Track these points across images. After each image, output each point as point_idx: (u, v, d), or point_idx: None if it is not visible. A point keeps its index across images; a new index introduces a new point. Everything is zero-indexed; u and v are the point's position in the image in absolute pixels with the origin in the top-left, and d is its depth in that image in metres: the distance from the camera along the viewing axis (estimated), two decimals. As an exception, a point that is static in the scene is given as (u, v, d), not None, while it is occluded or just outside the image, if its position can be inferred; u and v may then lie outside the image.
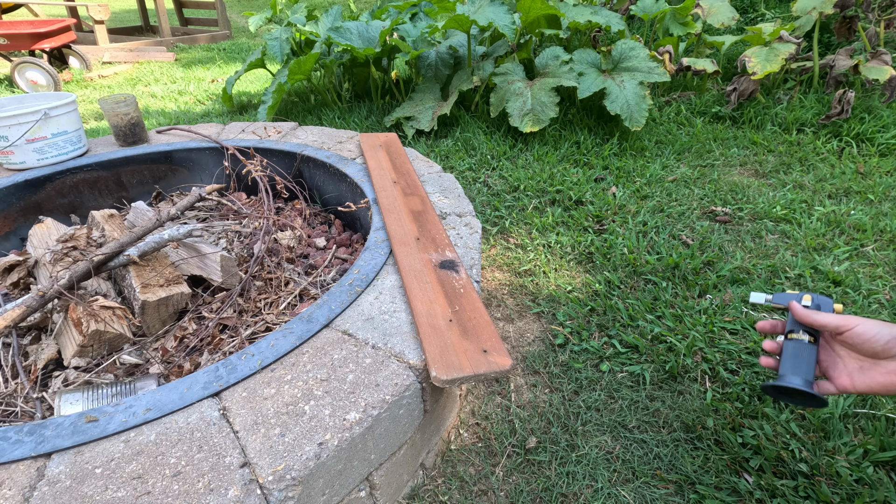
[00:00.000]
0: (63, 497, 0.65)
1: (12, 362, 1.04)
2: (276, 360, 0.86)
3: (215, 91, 4.06)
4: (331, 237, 1.59)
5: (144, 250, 1.17)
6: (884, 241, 1.64)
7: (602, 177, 2.15)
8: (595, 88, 2.38)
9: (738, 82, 2.69)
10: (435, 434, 1.02)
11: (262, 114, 2.77)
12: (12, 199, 1.57)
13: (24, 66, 4.06)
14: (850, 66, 2.52)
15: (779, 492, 0.92)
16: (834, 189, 1.97)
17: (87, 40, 5.43)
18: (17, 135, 1.57)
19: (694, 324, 1.32)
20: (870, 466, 0.94)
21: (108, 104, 1.77)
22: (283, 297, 1.25)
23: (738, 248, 1.65)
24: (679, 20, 3.13)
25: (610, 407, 1.14)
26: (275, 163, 1.78)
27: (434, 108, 2.63)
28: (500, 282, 1.57)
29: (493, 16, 2.44)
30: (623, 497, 0.95)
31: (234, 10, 8.94)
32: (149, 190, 1.80)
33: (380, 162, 1.60)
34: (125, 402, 0.78)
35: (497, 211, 1.92)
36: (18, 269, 1.27)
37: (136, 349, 1.09)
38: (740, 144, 2.42)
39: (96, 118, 3.54)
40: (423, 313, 0.94)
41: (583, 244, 1.69)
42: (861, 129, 2.32)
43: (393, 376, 0.83)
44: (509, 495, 0.97)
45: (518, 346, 1.32)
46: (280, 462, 0.69)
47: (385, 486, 0.88)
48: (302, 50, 3.21)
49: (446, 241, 1.18)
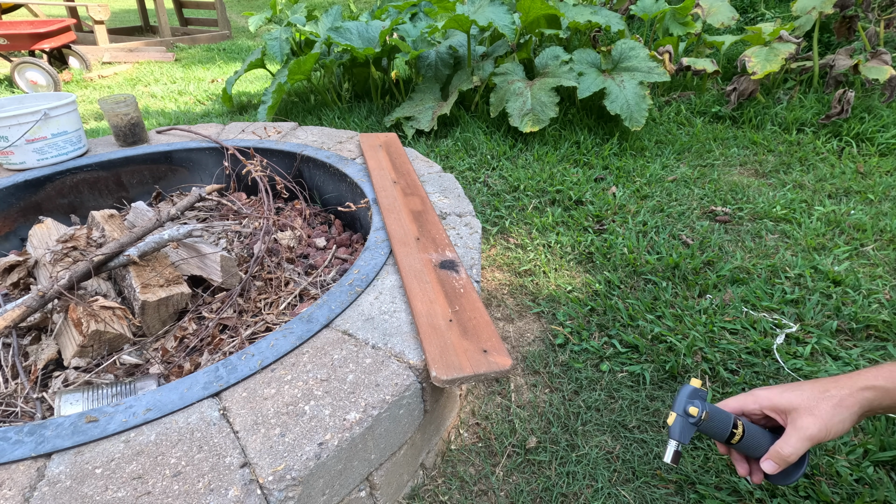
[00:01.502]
0: (63, 497, 0.65)
1: (12, 362, 1.04)
2: (277, 360, 0.86)
3: (215, 91, 4.06)
4: (331, 237, 1.59)
5: (144, 250, 1.17)
6: (884, 240, 1.64)
7: (602, 177, 2.15)
8: (595, 88, 2.38)
9: (737, 82, 2.69)
10: (435, 434, 1.02)
11: (262, 114, 2.77)
12: (12, 200, 1.57)
13: (23, 66, 4.06)
14: (849, 65, 2.52)
15: (779, 492, 0.92)
16: (834, 189, 1.97)
17: (87, 40, 5.43)
18: (17, 135, 1.57)
19: (694, 323, 1.32)
20: (870, 466, 0.94)
21: (107, 104, 1.77)
22: (283, 297, 1.25)
23: (738, 247, 1.65)
24: (679, 20, 3.13)
25: (610, 407, 1.14)
26: (275, 163, 1.78)
27: (434, 108, 2.63)
28: (500, 282, 1.57)
29: (492, 16, 2.44)
30: (623, 497, 0.95)
31: (234, 10, 8.94)
32: (149, 190, 1.80)
33: (380, 162, 1.60)
34: (125, 403, 0.78)
35: (497, 211, 1.92)
36: (18, 269, 1.27)
37: (136, 349, 1.09)
38: (740, 144, 2.42)
39: (96, 118, 3.54)
40: (423, 313, 0.94)
41: (583, 244, 1.69)
42: (861, 128, 2.32)
43: (393, 376, 0.83)
44: (509, 495, 0.97)
45: (518, 346, 1.32)
46: (280, 462, 0.69)
47: (385, 486, 0.88)
48: (302, 50, 3.21)
49: (446, 241, 1.18)
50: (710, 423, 0.72)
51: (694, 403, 0.72)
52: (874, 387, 0.67)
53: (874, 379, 0.68)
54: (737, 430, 0.72)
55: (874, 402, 0.67)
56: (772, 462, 0.70)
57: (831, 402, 0.68)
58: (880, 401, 0.67)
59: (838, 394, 0.68)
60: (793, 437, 0.68)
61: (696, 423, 0.72)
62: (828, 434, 0.67)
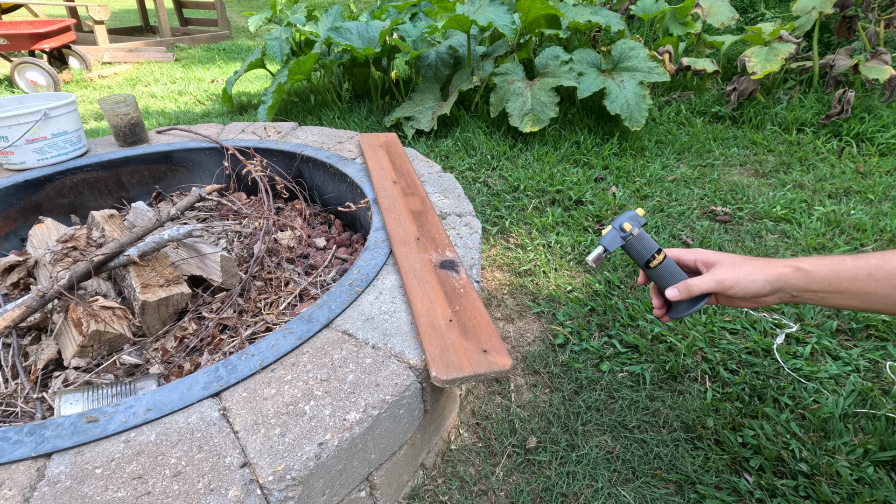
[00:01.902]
0: (63, 497, 0.65)
1: (12, 362, 1.04)
2: (277, 360, 0.86)
3: (215, 91, 4.06)
4: (331, 237, 1.59)
5: (144, 250, 1.17)
6: (884, 240, 1.64)
7: (602, 177, 2.15)
8: (595, 88, 2.38)
9: (737, 82, 2.69)
10: (435, 434, 1.02)
11: (262, 114, 2.77)
12: (12, 200, 1.57)
13: (23, 66, 4.06)
14: (849, 65, 2.52)
15: (779, 491, 0.92)
16: (834, 189, 1.97)
17: (87, 40, 5.43)
18: (17, 135, 1.57)
19: (694, 324, 1.32)
20: (870, 466, 0.94)
21: (107, 104, 1.77)
22: (283, 297, 1.25)
23: (738, 247, 1.65)
24: (679, 20, 3.13)
25: (610, 407, 1.14)
26: (275, 163, 1.78)
27: (434, 108, 2.63)
28: (500, 282, 1.57)
29: (492, 16, 2.44)
30: (623, 497, 0.95)
31: (234, 10, 8.94)
32: (149, 190, 1.80)
33: (380, 162, 1.60)
34: (125, 403, 0.78)
35: (497, 211, 1.92)
36: (18, 269, 1.27)
37: (136, 349, 1.09)
38: (740, 144, 2.42)
39: (96, 118, 3.54)
40: (423, 313, 0.94)
41: (583, 244, 1.69)
42: (861, 128, 2.32)
43: (393, 376, 0.83)
44: (509, 495, 0.97)
45: (518, 346, 1.33)
46: (280, 462, 0.69)
47: (385, 486, 0.88)
48: (302, 50, 3.21)
49: (446, 241, 1.18)
50: (636, 242, 0.81)
51: (630, 222, 0.81)
52: (797, 267, 0.71)
53: (800, 261, 0.72)
54: (657, 257, 0.80)
55: (792, 279, 0.70)
56: (675, 289, 0.77)
57: (751, 264, 0.73)
58: (797, 281, 0.70)
59: (762, 262, 0.73)
60: (704, 277, 0.75)
61: (624, 238, 0.81)
62: (736, 285, 0.72)
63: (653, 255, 0.80)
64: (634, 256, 0.82)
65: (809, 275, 0.70)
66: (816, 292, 0.70)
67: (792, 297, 0.72)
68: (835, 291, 0.69)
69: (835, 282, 0.69)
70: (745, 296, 0.73)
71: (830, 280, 0.69)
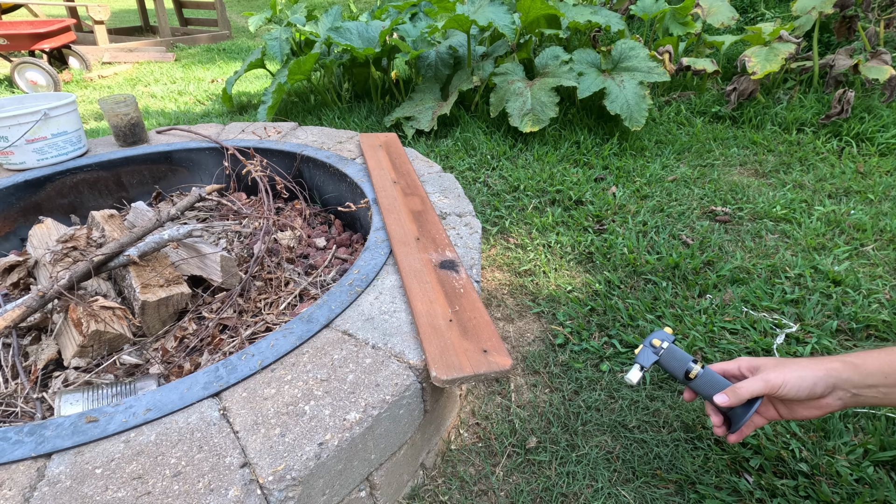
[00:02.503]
0: (63, 497, 0.65)
1: (12, 362, 1.04)
2: (277, 360, 0.86)
3: (215, 91, 4.06)
4: (331, 237, 1.59)
5: (144, 250, 1.17)
6: (884, 240, 1.64)
7: (602, 177, 2.15)
8: (595, 88, 2.38)
9: (737, 82, 2.69)
10: (435, 434, 1.02)
11: (262, 114, 2.77)
12: (12, 200, 1.57)
13: (23, 66, 4.06)
14: (849, 65, 2.52)
15: (779, 491, 0.92)
16: (834, 189, 1.97)
17: (87, 40, 5.43)
18: (17, 135, 1.57)
19: (694, 323, 1.32)
20: (870, 466, 0.94)
21: (107, 104, 1.77)
22: (283, 297, 1.25)
23: (738, 247, 1.65)
24: (679, 20, 3.13)
25: (610, 407, 1.14)
26: (275, 163, 1.78)
27: (434, 108, 2.63)
28: (500, 282, 1.57)
29: (492, 16, 2.44)
30: (623, 497, 0.95)
31: (234, 10, 8.94)
32: (149, 190, 1.80)
33: (380, 162, 1.60)
34: (125, 403, 0.78)
35: (497, 211, 1.92)
36: (18, 269, 1.27)
37: (136, 349, 1.09)
38: (740, 144, 2.42)
39: (96, 118, 3.54)
40: (423, 313, 0.94)
41: (583, 244, 1.69)
42: (861, 128, 2.32)
43: (393, 376, 0.83)
44: (509, 495, 0.97)
45: (518, 346, 1.33)
46: (280, 462, 0.69)
47: (385, 486, 0.88)
48: (302, 50, 3.21)
49: (446, 241, 1.18)
50: (669, 356, 0.84)
51: (659, 338, 0.86)
52: (845, 361, 0.70)
53: (848, 356, 0.71)
54: (694, 367, 0.81)
55: (844, 373, 0.69)
56: (724, 395, 0.76)
57: (798, 363, 0.72)
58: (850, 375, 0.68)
59: (808, 360, 0.72)
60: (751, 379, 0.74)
61: (656, 352, 0.85)
62: (785, 383, 0.70)
63: (689, 366, 0.81)
64: (671, 370, 0.84)
65: (860, 368, 0.67)
66: (876, 387, 0.67)
67: (854, 397, 0.69)
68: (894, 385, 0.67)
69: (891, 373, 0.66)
70: (797, 396, 0.70)
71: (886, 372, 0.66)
